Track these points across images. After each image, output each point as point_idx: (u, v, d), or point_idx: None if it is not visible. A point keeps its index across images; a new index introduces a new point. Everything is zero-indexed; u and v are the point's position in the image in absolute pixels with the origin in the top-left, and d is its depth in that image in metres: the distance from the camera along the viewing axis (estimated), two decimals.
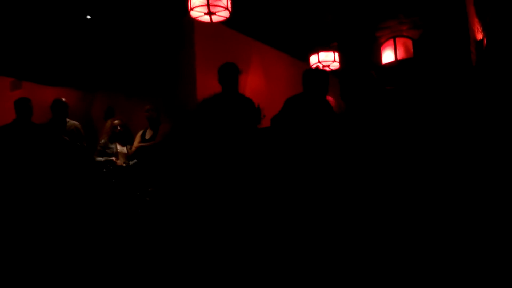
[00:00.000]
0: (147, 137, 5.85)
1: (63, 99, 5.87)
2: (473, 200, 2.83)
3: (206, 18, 5.53)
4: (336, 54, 7.34)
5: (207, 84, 6.65)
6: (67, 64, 7.46)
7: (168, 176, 5.27)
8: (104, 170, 5.70)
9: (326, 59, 7.38)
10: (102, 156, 5.80)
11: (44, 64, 7.42)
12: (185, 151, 4.83)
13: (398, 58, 5.95)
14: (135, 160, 5.72)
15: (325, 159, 3.68)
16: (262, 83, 8.01)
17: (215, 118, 4.18)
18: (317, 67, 6.52)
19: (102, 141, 6.01)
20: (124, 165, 5.73)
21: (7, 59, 7.13)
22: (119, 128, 5.98)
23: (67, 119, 5.80)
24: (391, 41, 6.06)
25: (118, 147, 5.90)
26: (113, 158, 5.77)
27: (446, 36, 5.74)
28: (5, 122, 5.53)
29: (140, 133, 5.95)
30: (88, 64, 7.47)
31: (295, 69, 8.03)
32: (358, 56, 6.36)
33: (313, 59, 7.47)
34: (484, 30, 6.19)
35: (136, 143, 5.86)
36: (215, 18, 5.56)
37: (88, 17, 6.82)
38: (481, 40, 5.90)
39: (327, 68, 7.22)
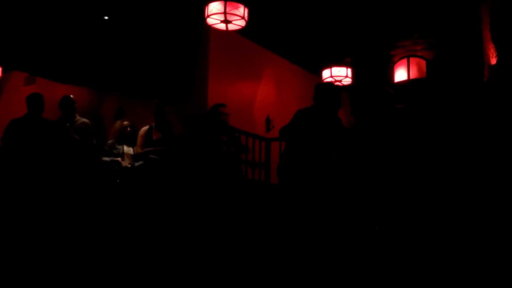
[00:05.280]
0: (154, 137, 5.76)
1: (71, 96, 5.86)
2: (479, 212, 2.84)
3: (222, 26, 5.56)
4: (349, 70, 7.34)
5: (218, 91, 6.68)
6: (81, 63, 7.51)
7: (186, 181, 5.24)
8: (110, 170, 5.71)
9: (339, 74, 7.37)
10: (108, 156, 5.81)
11: (59, 62, 7.47)
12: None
13: (411, 77, 5.95)
14: (140, 162, 5.71)
15: (331, 169, 3.68)
16: (273, 94, 8.03)
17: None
18: (331, 82, 6.53)
19: (110, 141, 6.02)
20: (129, 166, 5.73)
21: (23, 54, 7.20)
22: (129, 129, 5.99)
23: (77, 116, 5.80)
24: (405, 60, 6.07)
25: (125, 148, 5.91)
26: (119, 159, 5.78)
27: (461, 59, 5.74)
28: (16, 116, 5.58)
29: (144, 131, 5.82)
30: (102, 64, 7.52)
31: (307, 82, 8.05)
32: (371, 73, 6.37)
33: (326, 74, 7.48)
34: (498, 53, 6.18)
35: (140, 140, 5.76)
36: (231, 27, 5.59)
37: (106, 18, 6.88)
38: (495, 65, 5.89)
39: (339, 83, 7.22)
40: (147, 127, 5.86)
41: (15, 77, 8.89)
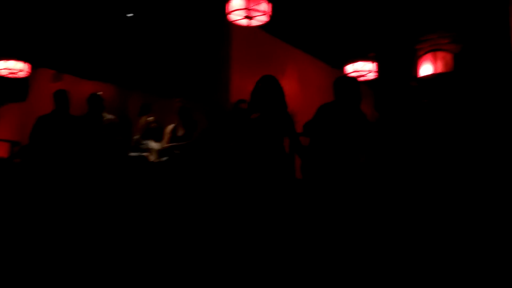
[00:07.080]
0: (178, 134, 5.83)
1: (100, 93, 5.95)
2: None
3: (245, 22, 5.57)
4: (373, 65, 7.27)
5: (241, 87, 6.69)
6: (107, 60, 7.64)
7: (208, 175, 5.23)
8: (137, 165, 5.79)
9: (363, 69, 7.31)
10: (135, 152, 5.90)
11: (85, 59, 7.62)
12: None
13: (437, 71, 5.86)
14: (166, 157, 5.77)
15: (355, 166, 3.66)
16: (296, 89, 8.01)
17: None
18: (347, 75, 6.47)
19: (136, 137, 6.11)
20: (156, 161, 5.82)
21: (51, 52, 7.36)
22: (154, 124, 6.07)
23: (104, 113, 5.89)
24: (430, 55, 5.99)
25: (151, 143, 5.99)
26: (146, 154, 5.87)
27: (489, 52, 5.62)
28: (45, 112, 5.70)
29: (170, 129, 5.89)
30: (126, 62, 7.63)
31: (330, 77, 7.98)
32: (396, 67, 6.30)
33: (349, 68, 7.43)
34: None
35: (166, 138, 5.84)
36: (253, 22, 5.59)
37: (130, 15, 6.97)
38: None
39: (362, 78, 7.16)
40: (173, 125, 5.94)
41: (43, 74, 9.09)
